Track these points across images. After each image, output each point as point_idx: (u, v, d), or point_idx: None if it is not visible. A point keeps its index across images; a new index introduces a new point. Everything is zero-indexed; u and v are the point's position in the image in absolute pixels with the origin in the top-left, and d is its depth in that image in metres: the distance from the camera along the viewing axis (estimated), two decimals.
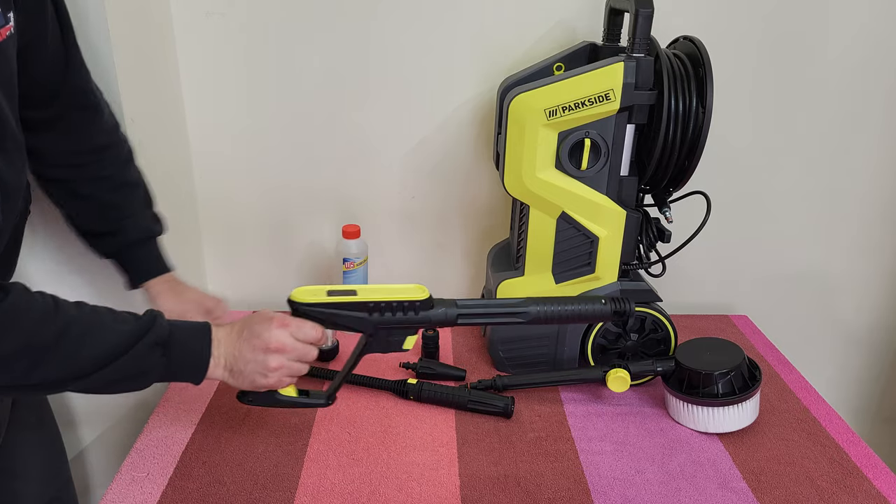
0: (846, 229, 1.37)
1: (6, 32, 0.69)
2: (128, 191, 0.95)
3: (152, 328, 0.74)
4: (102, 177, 0.92)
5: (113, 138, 0.93)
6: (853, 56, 1.22)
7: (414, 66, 1.20)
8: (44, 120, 0.84)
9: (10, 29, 0.69)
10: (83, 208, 0.93)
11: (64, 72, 0.84)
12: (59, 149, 0.88)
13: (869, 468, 0.94)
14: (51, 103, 0.84)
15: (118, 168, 0.94)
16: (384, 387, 1.07)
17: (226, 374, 0.80)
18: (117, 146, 0.94)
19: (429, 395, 1.04)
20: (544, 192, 1.00)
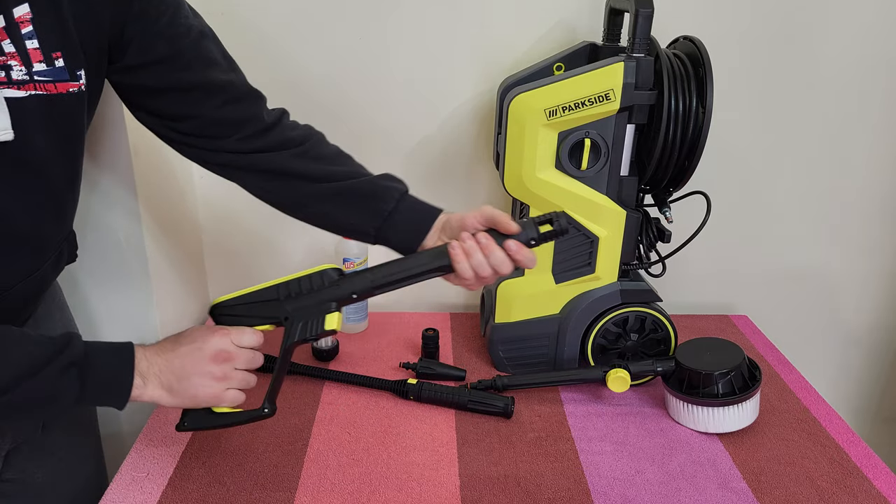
0: (846, 229, 1.37)
1: (68, 88, 0.68)
2: (355, 162, 0.91)
3: (66, 349, 0.68)
4: (334, 152, 0.90)
5: (310, 128, 0.92)
6: (853, 55, 1.22)
7: (414, 66, 1.20)
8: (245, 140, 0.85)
9: (78, 86, 0.69)
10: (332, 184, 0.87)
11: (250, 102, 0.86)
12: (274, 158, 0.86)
13: (869, 468, 0.94)
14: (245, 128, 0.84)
15: (325, 146, 0.91)
16: (384, 387, 1.07)
17: (162, 394, 0.74)
18: (318, 132, 0.92)
19: (429, 396, 1.04)
20: (544, 192, 1.00)
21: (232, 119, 0.83)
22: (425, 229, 0.86)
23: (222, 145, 0.84)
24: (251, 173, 0.87)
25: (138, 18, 0.73)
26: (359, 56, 1.19)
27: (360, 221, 0.87)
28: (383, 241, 0.87)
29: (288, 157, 0.86)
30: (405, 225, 0.86)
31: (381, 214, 0.85)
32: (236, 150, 0.85)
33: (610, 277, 1.06)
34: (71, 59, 0.68)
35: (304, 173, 0.86)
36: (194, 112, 0.81)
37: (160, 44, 0.76)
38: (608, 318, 1.07)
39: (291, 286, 0.81)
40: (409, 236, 0.86)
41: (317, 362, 1.16)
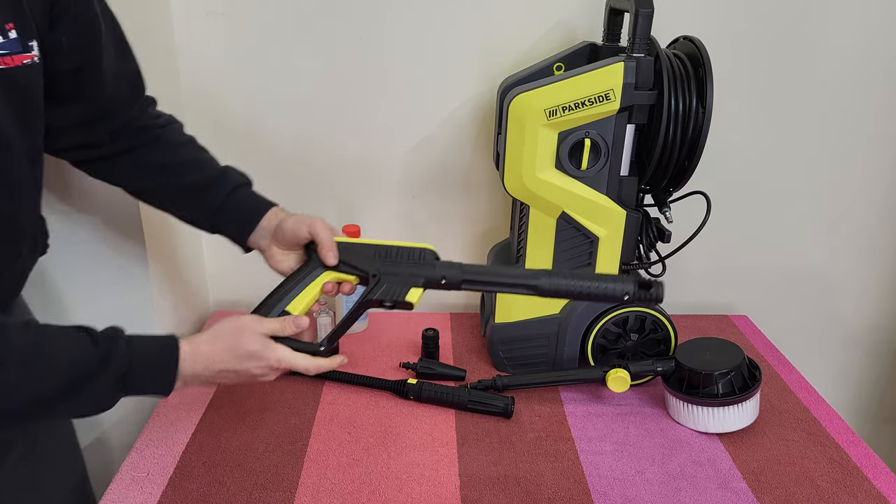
0: (846, 229, 1.37)
1: (23, 60, 0.67)
2: (206, 151, 0.93)
3: (111, 360, 0.68)
4: (181, 142, 0.91)
5: (170, 116, 0.93)
6: (853, 55, 1.22)
7: (414, 65, 1.20)
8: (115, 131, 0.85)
9: (31, 58, 0.68)
10: (172, 172, 0.89)
11: (133, 95, 0.86)
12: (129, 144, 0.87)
13: (869, 468, 0.94)
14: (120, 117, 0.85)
15: (189, 136, 0.93)
16: (384, 387, 1.07)
17: (197, 384, 0.79)
18: (177, 121, 0.94)
19: (429, 395, 1.04)
20: (544, 192, 1.00)
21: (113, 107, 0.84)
22: (253, 223, 0.90)
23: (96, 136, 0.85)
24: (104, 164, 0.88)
25: None
26: (359, 56, 1.19)
27: (193, 215, 0.92)
28: (219, 233, 0.92)
29: (142, 143, 0.88)
30: (234, 218, 0.90)
31: (211, 209, 0.89)
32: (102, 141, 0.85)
33: None
34: (23, 30, 0.67)
35: (149, 161, 0.89)
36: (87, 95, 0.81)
37: (74, 25, 0.74)
38: (608, 318, 1.07)
39: (391, 251, 0.85)
40: (238, 228, 0.91)
41: None
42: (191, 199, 0.90)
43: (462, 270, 0.83)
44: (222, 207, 0.89)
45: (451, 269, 0.84)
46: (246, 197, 0.92)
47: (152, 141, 0.89)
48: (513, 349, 1.12)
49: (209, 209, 0.90)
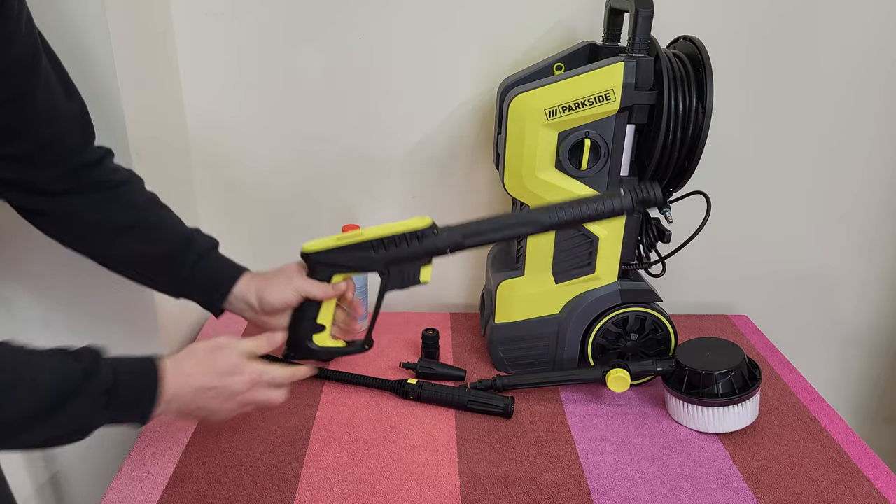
0: (846, 229, 1.37)
1: None
2: (170, 211, 0.89)
3: (95, 375, 0.66)
4: (143, 202, 0.87)
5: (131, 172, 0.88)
6: (853, 55, 1.22)
7: (414, 65, 1.20)
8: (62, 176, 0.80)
9: None
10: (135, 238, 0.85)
11: (80, 138, 0.81)
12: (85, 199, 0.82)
13: (869, 468, 0.94)
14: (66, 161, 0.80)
15: (151, 193, 0.89)
16: (384, 387, 1.07)
17: (176, 418, 0.79)
18: (138, 178, 0.89)
19: (429, 395, 1.04)
20: (544, 192, 1.00)
21: (55, 148, 0.79)
22: (223, 292, 0.88)
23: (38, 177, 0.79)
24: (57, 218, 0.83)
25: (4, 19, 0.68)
26: (359, 56, 1.19)
27: (159, 284, 0.89)
28: (188, 299, 0.90)
29: (98, 200, 0.83)
30: (204, 288, 0.88)
31: (178, 279, 0.87)
32: (48, 187, 0.80)
33: (610, 277, 1.06)
34: None
35: (109, 222, 0.84)
36: (19, 131, 0.75)
37: (7, 52, 0.70)
38: (608, 318, 1.07)
39: (386, 240, 0.85)
40: (208, 298, 0.89)
41: (318, 362, 1.16)
42: (156, 267, 0.87)
43: (462, 235, 0.84)
44: (190, 278, 0.87)
45: (451, 235, 0.84)
46: (214, 264, 0.89)
47: (111, 199, 0.84)
48: (513, 349, 1.12)
49: (176, 279, 0.87)
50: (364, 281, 1.23)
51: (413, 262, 0.86)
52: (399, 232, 0.84)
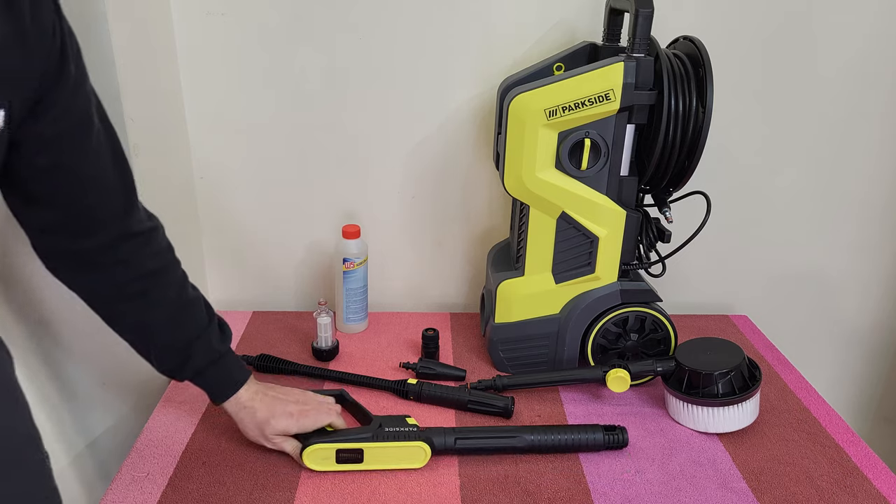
0: (846, 229, 1.37)
1: None
2: (190, 310, 0.89)
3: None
4: (164, 301, 0.86)
5: (167, 259, 0.87)
6: (853, 55, 1.22)
7: (414, 65, 1.20)
8: (92, 250, 0.79)
9: None
10: (142, 336, 0.87)
11: (122, 205, 0.80)
12: (111, 281, 0.82)
13: (869, 468, 0.94)
14: (99, 231, 0.79)
15: (177, 289, 0.88)
16: (384, 387, 1.07)
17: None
18: (172, 268, 0.88)
19: (429, 395, 1.04)
20: (544, 192, 1.00)
21: (93, 219, 0.78)
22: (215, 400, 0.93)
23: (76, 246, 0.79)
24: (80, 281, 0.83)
25: (59, 83, 0.69)
26: (358, 56, 1.19)
27: (164, 369, 0.90)
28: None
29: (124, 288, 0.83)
30: (205, 388, 0.93)
31: (186, 375, 0.90)
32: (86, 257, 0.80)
33: (610, 277, 1.06)
34: None
35: (122, 317, 0.86)
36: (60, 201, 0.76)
37: (61, 120, 0.70)
38: (608, 318, 1.07)
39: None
40: (212, 396, 0.93)
41: (317, 362, 1.16)
42: (160, 359, 0.89)
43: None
44: (188, 378, 0.91)
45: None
46: (207, 384, 0.92)
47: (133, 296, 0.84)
48: (513, 349, 1.12)
49: (172, 375, 0.91)
50: (364, 280, 1.23)
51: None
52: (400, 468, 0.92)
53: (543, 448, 0.94)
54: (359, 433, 0.91)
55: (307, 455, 0.89)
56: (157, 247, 0.85)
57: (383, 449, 0.90)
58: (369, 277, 1.28)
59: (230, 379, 0.92)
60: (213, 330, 0.91)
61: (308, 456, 0.89)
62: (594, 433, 0.95)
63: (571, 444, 0.94)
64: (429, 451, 0.90)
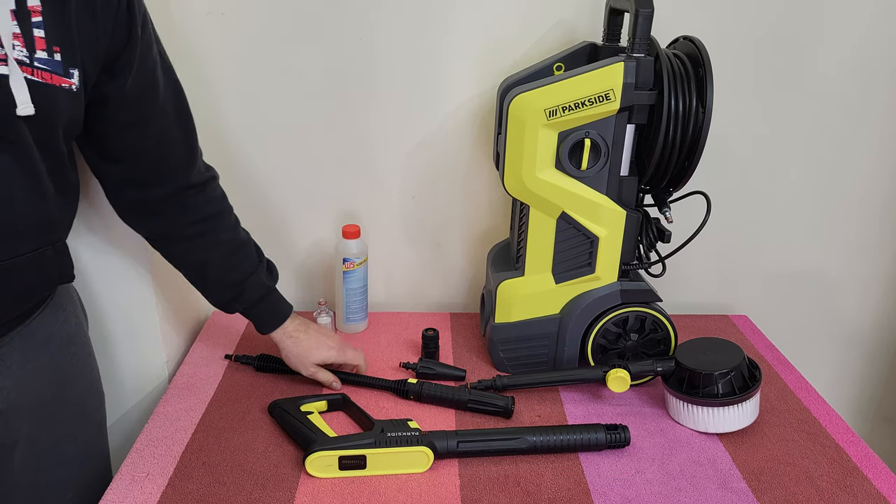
0: (846, 229, 1.37)
1: (61, 83, 0.71)
2: (243, 249, 1.00)
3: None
4: (221, 242, 0.97)
5: (223, 206, 0.98)
6: (853, 55, 1.22)
7: (414, 66, 1.20)
8: (161, 199, 0.90)
9: (70, 84, 0.72)
10: (201, 273, 0.99)
11: (184, 159, 0.91)
12: (174, 225, 0.93)
13: (869, 468, 0.94)
14: (165, 182, 0.89)
15: (233, 231, 0.99)
16: (384, 386, 1.07)
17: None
18: (227, 213, 0.99)
19: (429, 395, 1.04)
20: (544, 192, 1.00)
21: (159, 171, 0.89)
22: (261, 333, 1.05)
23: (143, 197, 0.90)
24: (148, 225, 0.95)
25: (128, 45, 0.78)
26: (359, 56, 1.19)
27: (218, 301, 1.03)
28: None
29: (185, 231, 0.95)
30: (253, 319, 1.04)
31: (234, 307, 1.02)
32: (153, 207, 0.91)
33: (610, 277, 1.06)
34: (67, 57, 0.71)
35: (185, 256, 0.98)
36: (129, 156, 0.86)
37: (135, 81, 0.80)
38: (608, 318, 1.07)
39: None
40: (260, 326, 1.05)
41: None
42: (209, 296, 1.02)
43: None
44: (244, 309, 1.02)
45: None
46: (257, 316, 1.03)
47: (195, 236, 0.95)
48: (513, 349, 1.12)
49: (225, 307, 1.03)
50: (364, 280, 1.23)
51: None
52: (403, 472, 0.92)
53: (545, 449, 0.94)
54: (361, 439, 0.91)
55: (310, 462, 0.89)
56: (213, 194, 0.96)
57: (386, 455, 0.90)
58: (369, 277, 1.28)
59: (278, 312, 1.04)
60: (263, 268, 1.02)
61: (311, 463, 0.89)
62: (596, 433, 0.95)
63: (573, 444, 0.94)
64: (431, 456, 0.90)
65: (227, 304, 1.01)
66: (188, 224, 0.93)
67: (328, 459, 0.89)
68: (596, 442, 0.94)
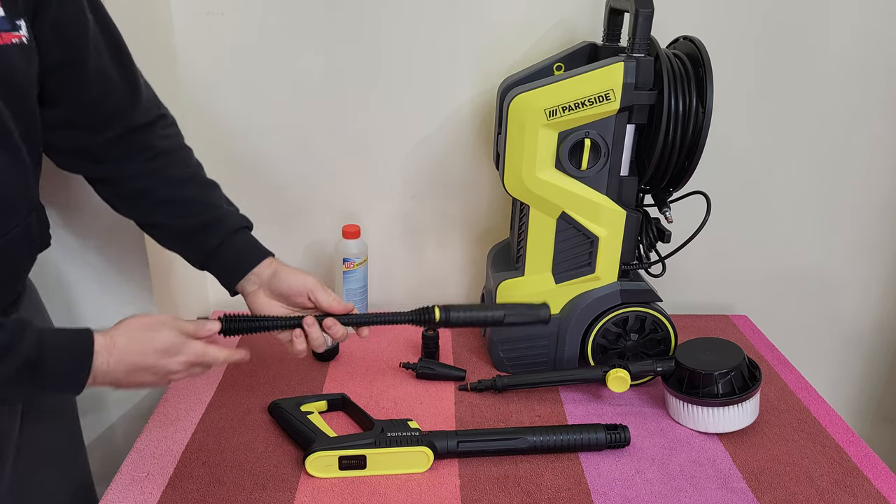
0: (846, 229, 1.37)
1: (11, 39, 0.67)
2: (211, 188, 0.93)
3: (20, 343, 0.66)
4: (184, 178, 0.90)
5: (176, 143, 0.92)
6: (853, 55, 1.22)
7: (414, 66, 1.20)
8: (109, 142, 0.84)
9: (20, 37, 0.68)
10: (171, 212, 0.89)
11: (126, 98, 0.84)
12: (130, 167, 0.86)
13: (869, 468, 0.94)
14: (113, 126, 0.84)
15: (195, 168, 0.93)
16: (404, 320, 0.91)
17: (109, 387, 0.75)
18: (182, 151, 0.93)
19: (457, 320, 0.90)
20: (544, 192, 1.00)
21: (102, 113, 0.83)
22: (244, 271, 0.91)
23: (88, 142, 0.84)
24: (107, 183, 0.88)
25: None
26: (359, 56, 1.19)
27: (187, 253, 0.92)
28: (209, 271, 0.93)
29: (141, 171, 0.87)
30: (226, 264, 0.91)
31: (205, 252, 0.91)
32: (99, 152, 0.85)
33: (610, 277, 1.06)
34: (10, 9, 0.67)
35: (149, 194, 0.88)
36: (68, 97, 0.80)
37: (59, 19, 0.74)
38: (608, 318, 1.07)
39: None
40: (229, 274, 0.92)
41: (317, 362, 1.16)
42: (187, 239, 0.91)
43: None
44: (216, 252, 0.90)
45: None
46: (241, 244, 0.92)
47: (154, 171, 0.88)
48: (513, 349, 1.12)
49: (203, 251, 0.91)
50: (364, 280, 1.23)
51: None
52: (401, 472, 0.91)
53: (545, 449, 0.94)
54: (361, 439, 0.91)
55: (310, 462, 0.89)
56: (167, 131, 0.90)
57: (386, 455, 0.90)
58: (369, 277, 1.28)
59: (260, 248, 0.93)
60: (236, 210, 0.94)
61: (311, 463, 0.89)
62: (596, 433, 0.95)
63: (573, 444, 0.94)
64: (431, 456, 0.90)
65: (203, 242, 0.90)
66: (141, 162, 0.86)
67: (328, 459, 0.89)
68: (596, 442, 0.94)
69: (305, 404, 1.00)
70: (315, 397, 1.02)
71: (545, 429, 0.95)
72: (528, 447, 0.93)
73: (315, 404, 1.01)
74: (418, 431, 0.92)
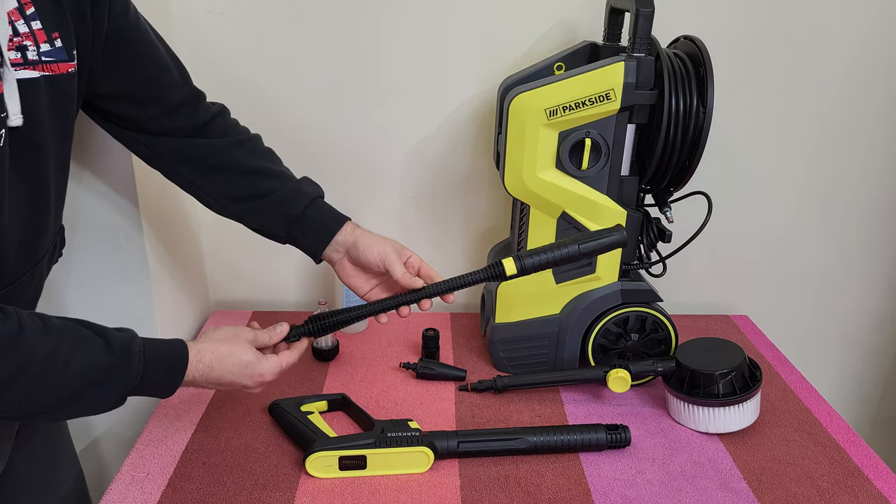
0: (846, 229, 1.37)
1: (67, 69, 0.69)
2: (273, 157, 0.96)
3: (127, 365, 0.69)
4: (263, 152, 0.95)
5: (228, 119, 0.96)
6: (853, 55, 1.22)
7: (414, 66, 1.20)
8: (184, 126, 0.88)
9: (73, 67, 0.70)
10: (247, 184, 0.92)
11: (172, 73, 0.88)
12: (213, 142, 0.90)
13: (869, 468, 0.94)
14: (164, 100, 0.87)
15: (260, 144, 0.96)
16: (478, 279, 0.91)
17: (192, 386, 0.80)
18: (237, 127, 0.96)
19: (532, 265, 0.87)
20: (545, 191, 1.00)
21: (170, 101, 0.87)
22: (328, 237, 0.93)
23: (156, 125, 0.86)
24: (180, 160, 0.90)
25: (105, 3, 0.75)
26: (359, 56, 1.19)
27: (269, 226, 0.94)
28: (294, 244, 0.95)
29: (221, 146, 0.90)
30: (310, 231, 0.93)
31: (287, 221, 0.92)
32: (168, 131, 0.88)
33: (610, 277, 1.05)
34: (67, 39, 0.69)
35: (233, 164, 0.91)
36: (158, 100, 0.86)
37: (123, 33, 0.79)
38: (609, 318, 1.07)
39: None
40: (314, 241, 0.94)
41: (317, 362, 1.16)
42: (268, 210, 0.92)
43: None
44: (299, 220, 0.92)
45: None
46: (321, 210, 0.94)
47: (236, 144, 0.92)
48: (513, 349, 1.12)
49: (286, 221, 0.92)
50: None
51: None
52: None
53: (546, 449, 0.94)
54: (361, 439, 0.91)
55: (310, 463, 0.89)
56: (212, 106, 0.94)
57: (386, 455, 0.90)
58: None
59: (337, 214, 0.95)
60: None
61: (311, 464, 0.89)
62: (596, 433, 0.95)
63: (574, 444, 0.94)
64: (431, 456, 0.90)
65: (293, 197, 0.92)
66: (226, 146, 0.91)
67: (328, 459, 0.89)
68: (596, 442, 0.94)
69: (305, 404, 1.00)
70: (315, 397, 1.02)
71: (545, 429, 0.95)
72: (529, 447, 0.93)
73: (315, 404, 1.01)
74: (418, 432, 0.92)
